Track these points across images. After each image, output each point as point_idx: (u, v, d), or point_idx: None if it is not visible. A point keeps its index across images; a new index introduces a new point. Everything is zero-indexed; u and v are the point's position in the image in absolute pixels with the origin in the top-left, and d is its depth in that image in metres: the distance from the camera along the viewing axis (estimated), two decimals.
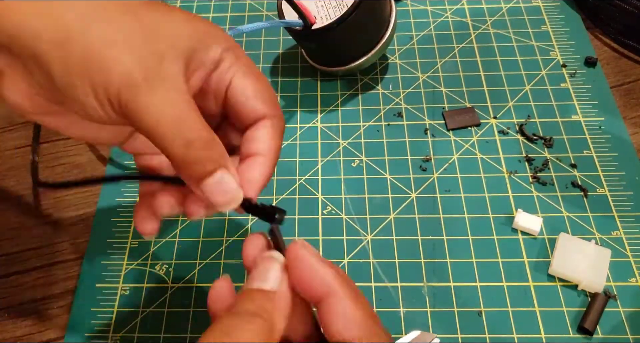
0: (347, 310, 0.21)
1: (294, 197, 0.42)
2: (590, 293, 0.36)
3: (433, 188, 0.42)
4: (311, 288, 0.22)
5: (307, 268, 0.22)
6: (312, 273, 0.22)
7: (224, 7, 0.55)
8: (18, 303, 0.38)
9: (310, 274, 0.22)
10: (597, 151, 0.43)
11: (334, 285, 0.22)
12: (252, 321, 0.20)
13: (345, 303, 0.22)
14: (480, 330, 0.35)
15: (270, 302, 0.21)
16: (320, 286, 0.22)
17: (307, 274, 0.22)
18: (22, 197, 0.43)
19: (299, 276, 0.22)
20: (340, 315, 0.21)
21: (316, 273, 0.22)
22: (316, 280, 0.22)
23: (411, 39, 0.51)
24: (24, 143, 0.46)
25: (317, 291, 0.22)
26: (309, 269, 0.22)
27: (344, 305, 0.22)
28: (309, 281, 0.22)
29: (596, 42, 0.50)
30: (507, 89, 0.47)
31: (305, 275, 0.22)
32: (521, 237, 0.39)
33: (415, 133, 0.45)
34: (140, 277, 0.38)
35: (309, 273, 0.22)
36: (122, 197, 0.42)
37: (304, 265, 0.22)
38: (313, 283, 0.22)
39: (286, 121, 0.46)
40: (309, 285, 0.22)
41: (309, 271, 0.22)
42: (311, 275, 0.22)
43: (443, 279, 0.37)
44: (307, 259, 0.22)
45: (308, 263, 0.22)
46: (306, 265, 0.22)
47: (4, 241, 0.41)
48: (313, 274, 0.22)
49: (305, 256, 0.22)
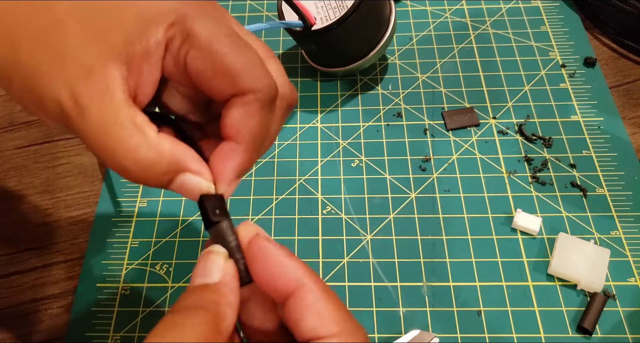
0: (321, 304, 0.20)
1: (294, 197, 0.42)
2: (589, 293, 0.36)
3: (432, 188, 0.42)
4: (280, 282, 0.20)
5: (274, 262, 0.21)
6: (281, 267, 0.20)
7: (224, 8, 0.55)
8: (18, 303, 0.38)
9: (279, 268, 0.20)
10: (597, 151, 0.43)
11: (306, 279, 0.20)
12: (194, 314, 0.19)
13: (318, 297, 0.20)
14: (479, 330, 0.35)
15: (214, 293, 0.20)
16: (290, 281, 0.20)
17: (276, 268, 0.20)
18: (23, 197, 0.43)
19: (265, 270, 0.21)
20: (314, 310, 0.20)
21: (286, 266, 0.20)
22: (286, 274, 0.20)
23: (411, 40, 0.51)
24: (25, 143, 0.46)
25: (287, 286, 0.20)
26: (277, 263, 0.20)
27: (317, 298, 0.20)
28: (278, 275, 0.20)
29: (595, 43, 0.50)
30: (507, 90, 0.47)
31: (273, 269, 0.20)
32: (520, 237, 0.39)
33: (415, 133, 0.45)
34: (140, 277, 0.39)
35: (278, 268, 0.20)
36: (123, 197, 0.42)
37: (270, 259, 0.21)
38: (283, 278, 0.20)
39: (286, 121, 0.46)
40: (278, 279, 0.20)
41: (276, 265, 0.20)
42: (280, 269, 0.20)
43: (442, 279, 0.37)
44: (273, 252, 0.21)
45: (274, 256, 0.21)
46: (273, 259, 0.21)
47: (4, 241, 0.41)
48: (282, 268, 0.20)
49: (271, 249, 0.21)
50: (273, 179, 0.43)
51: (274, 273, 0.20)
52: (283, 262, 0.20)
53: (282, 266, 0.20)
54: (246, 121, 0.22)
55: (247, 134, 0.22)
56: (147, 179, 0.21)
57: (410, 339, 0.34)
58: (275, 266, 0.20)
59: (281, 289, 0.20)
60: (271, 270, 0.21)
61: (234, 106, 0.22)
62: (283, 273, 0.20)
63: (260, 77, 0.22)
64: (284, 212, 0.41)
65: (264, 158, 0.44)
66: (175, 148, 0.21)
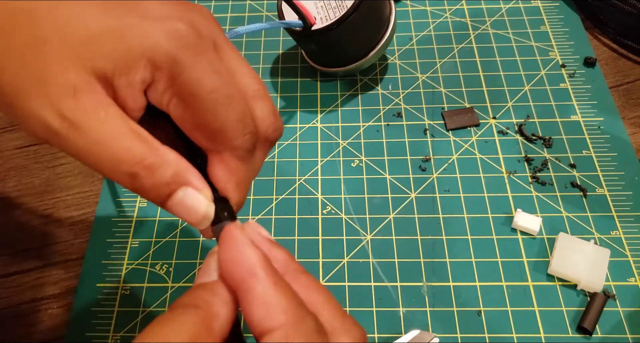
0: (269, 294, 0.19)
1: (294, 197, 0.42)
2: (589, 293, 0.36)
3: (432, 188, 0.42)
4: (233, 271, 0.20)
5: (234, 248, 0.20)
6: (238, 254, 0.20)
7: (224, 8, 0.55)
8: (18, 303, 0.38)
9: (236, 255, 0.20)
10: (596, 151, 0.43)
11: (258, 268, 0.20)
12: (186, 312, 0.19)
13: (267, 286, 0.19)
14: (479, 330, 0.35)
15: (209, 291, 0.20)
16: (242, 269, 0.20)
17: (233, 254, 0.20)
18: (23, 197, 0.43)
19: (224, 256, 0.20)
20: (261, 301, 0.19)
21: (242, 254, 0.20)
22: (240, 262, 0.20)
23: (411, 40, 0.51)
24: (24, 143, 0.46)
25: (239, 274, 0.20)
26: (235, 249, 0.20)
27: (265, 288, 0.19)
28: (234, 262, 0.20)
29: (595, 43, 0.50)
30: (507, 90, 0.47)
31: (231, 255, 0.20)
32: (520, 237, 0.39)
33: (415, 133, 0.45)
34: (140, 277, 0.39)
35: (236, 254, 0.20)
36: (123, 197, 0.42)
37: (232, 245, 0.20)
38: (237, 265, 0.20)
39: (286, 121, 0.46)
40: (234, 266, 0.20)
41: (235, 252, 0.20)
42: (237, 256, 0.20)
43: (442, 279, 0.37)
44: (235, 238, 0.21)
45: (235, 243, 0.20)
46: (234, 245, 0.20)
47: (4, 241, 0.41)
48: (239, 255, 0.20)
49: (235, 236, 0.21)
50: (273, 179, 0.43)
51: (230, 260, 0.20)
52: (240, 249, 0.20)
53: (239, 253, 0.20)
54: (228, 177, 0.23)
55: (232, 188, 0.23)
56: (151, 187, 0.21)
57: (410, 339, 0.34)
58: (233, 253, 0.20)
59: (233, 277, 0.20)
60: (229, 256, 0.20)
61: (214, 163, 0.23)
62: (238, 261, 0.20)
63: (237, 135, 0.22)
64: (284, 212, 0.41)
65: None
66: (180, 161, 0.21)
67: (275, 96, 0.48)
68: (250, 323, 0.19)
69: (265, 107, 0.24)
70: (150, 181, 0.21)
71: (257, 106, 0.24)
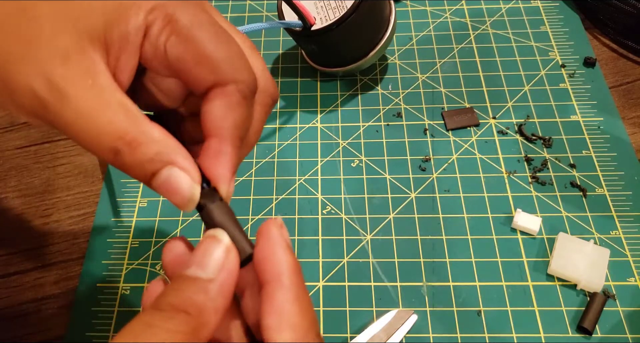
0: (286, 305, 0.19)
1: (294, 197, 0.42)
2: (589, 293, 0.36)
3: (432, 188, 0.42)
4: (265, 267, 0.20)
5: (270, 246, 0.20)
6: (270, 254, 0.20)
7: (224, 8, 0.55)
8: (18, 303, 0.38)
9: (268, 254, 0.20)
10: (596, 151, 0.43)
11: (285, 276, 0.20)
12: (173, 317, 0.18)
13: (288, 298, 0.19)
14: (479, 330, 0.35)
15: (203, 294, 0.18)
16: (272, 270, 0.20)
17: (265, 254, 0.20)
18: (23, 197, 0.43)
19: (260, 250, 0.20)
20: (275, 309, 0.19)
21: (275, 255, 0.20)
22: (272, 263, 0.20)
23: (410, 40, 0.51)
24: (25, 143, 0.46)
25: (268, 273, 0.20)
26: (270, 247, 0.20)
27: (286, 299, 0.19)
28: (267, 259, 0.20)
29: (595, 43, 0.50)
30: (506, 90, 0.47)
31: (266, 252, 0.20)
32: (520, 237, 0.39)
33: (415, 133, 0.45)
34: (140, 277, 0.39)
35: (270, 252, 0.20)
36: (123, 197, 0.43)
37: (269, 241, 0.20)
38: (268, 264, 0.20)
39: (286, 121, 0.46)
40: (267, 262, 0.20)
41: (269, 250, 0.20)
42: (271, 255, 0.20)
43: (442, 279, 0.37)
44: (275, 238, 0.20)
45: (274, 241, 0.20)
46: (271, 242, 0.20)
47: (4, 241, 0.41)
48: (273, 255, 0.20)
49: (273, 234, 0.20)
50: (273, 179, 0.43)
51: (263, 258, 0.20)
52: (276, 251, 0.20)
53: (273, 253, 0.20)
54: (228, 114, 0.21)
55: (230, 127, 0.21)
56: (133, 163, 0.20)
57: (391, 318, 0.34)
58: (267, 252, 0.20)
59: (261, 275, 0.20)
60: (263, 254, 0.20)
61: (214, 98, 0.21)
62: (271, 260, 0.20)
63: (241, 68, 0.21)
64: (284, 212, 0.41)
65: (263, 157, 0.44)
66: (167, 139, 0.20)
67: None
68: (261, 326, 0.19)
69: (260, 60, 0.24)
70: (131, 158, 0.19)
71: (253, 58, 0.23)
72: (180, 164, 0.20)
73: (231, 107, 0.21)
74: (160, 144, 0.20)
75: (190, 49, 0.20)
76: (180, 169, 0.20)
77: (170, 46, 0.20)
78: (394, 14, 0.45)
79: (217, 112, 0.21)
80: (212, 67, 0.21)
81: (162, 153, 0.20)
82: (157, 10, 0.20)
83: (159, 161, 0.20)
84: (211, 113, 0.21)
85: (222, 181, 0.21)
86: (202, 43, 0.20)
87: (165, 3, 0.20)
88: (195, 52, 0.20)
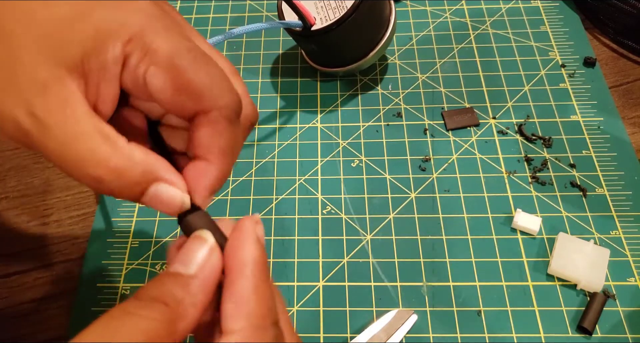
0: (244, 293, 0.19)
1: (294, 197, 0.42)
2: (589, 293, 0.36)
3: (432, 187, 0.42)
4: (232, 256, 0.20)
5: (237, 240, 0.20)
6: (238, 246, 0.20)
7: (224, 8, 0.55)
8: (18, 303, 0.38)
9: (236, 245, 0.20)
10: (596, 151, 0.43)
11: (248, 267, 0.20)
12: (150, 306, 0.18)
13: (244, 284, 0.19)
14: (479, 330, 0.35)
15: (182, 288, 0.19)
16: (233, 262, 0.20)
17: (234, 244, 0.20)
18: (23, 197, 0.43)
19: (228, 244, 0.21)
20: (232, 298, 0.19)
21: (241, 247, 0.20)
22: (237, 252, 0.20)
23: (410, 40, 0.51)
24: None
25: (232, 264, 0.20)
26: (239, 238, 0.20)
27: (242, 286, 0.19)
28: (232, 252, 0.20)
29: (595, 43, 0.50)
30: (506, 90, 0.47)
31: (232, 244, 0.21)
32: (520, 237, 0.39)
33: (415, 133, 0.45)
34: (140, 277, 0.39)
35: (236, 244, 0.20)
36: None
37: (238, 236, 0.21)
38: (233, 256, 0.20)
39: (286, 121, 0.46)
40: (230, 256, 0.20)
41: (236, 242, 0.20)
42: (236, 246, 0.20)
43: (442, 279, 0.37)
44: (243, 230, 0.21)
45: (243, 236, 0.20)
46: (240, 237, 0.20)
47: (4, 241, 0.41)
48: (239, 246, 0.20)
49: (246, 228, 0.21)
50: (273, 179, 0.43)
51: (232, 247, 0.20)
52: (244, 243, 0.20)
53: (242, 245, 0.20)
54: (214, 140, 0.21)
55: (217, 152, 0.22)
56: (120, 189, 0.20)
57: (391, 318, 0.34)
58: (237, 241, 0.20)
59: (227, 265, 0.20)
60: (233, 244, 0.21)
61: (200, 125, 0.21)
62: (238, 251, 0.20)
63: (223, 92, 0.21)
64: (284, 212, 0.41)
65: (263, 157, 0.44)
66: (148, 158, 0.21)
67: (275, 96, 0.48)
68: (220, 313, 0.19)
69: (242, 84, 0.24)
70: (118, 184, 0.20)
71: (234, 82, 0.23)
72: (166, 179, 0.21)
73: (217, 133, 0.21)
74: (143, 165, 0.20)
75: (169, 79, 0.20)
76: (166, 183, 0.21)
77: (149, 76, 0.20)
78: (394, 14, 0.45)
79: (203, 139, 0.21)
80: (194, 96, 0.21)
81: (146, 172, 0.20)
82: (135, 40, 0.20)
83: (145, 181, 0.20)
84: (198, 139, 0.22)
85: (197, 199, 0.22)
86: (181, 72, 0.20)
87: (143, 32, 0.20)
88: (175, 82, 0.20)
